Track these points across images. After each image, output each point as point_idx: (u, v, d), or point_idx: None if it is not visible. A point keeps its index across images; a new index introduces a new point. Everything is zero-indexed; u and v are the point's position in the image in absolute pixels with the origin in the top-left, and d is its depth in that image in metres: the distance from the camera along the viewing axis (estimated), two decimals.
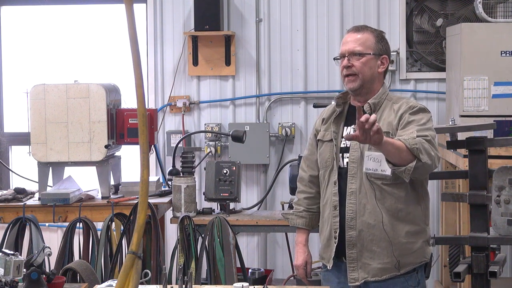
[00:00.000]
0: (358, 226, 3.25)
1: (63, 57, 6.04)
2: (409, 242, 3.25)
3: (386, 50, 3.35)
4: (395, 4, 5.71)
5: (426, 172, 3.16)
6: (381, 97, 3.32)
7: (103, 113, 4.55)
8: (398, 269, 3.24)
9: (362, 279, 3.26)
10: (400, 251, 3.24)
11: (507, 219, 3.55)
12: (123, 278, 2.05)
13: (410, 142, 3.02)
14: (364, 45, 3.29)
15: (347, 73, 3.29)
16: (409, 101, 3.32)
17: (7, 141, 5.97)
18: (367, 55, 3.28)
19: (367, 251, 3.25)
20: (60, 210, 4.46)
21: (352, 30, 3.37)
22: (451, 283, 5.08)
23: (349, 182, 3.27)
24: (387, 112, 3.28)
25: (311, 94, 5.81)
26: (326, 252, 3.37)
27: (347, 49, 3.30)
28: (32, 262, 2.97)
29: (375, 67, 3.31)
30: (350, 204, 3.26)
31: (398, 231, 3.23)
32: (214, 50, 5.82)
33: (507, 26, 4.97)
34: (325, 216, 3.37)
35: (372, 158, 3.17)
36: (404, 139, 3.04)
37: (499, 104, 4.88)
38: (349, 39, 3.32)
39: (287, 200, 4.99)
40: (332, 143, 3.34)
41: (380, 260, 3.25)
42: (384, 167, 3.14)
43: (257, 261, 5.84)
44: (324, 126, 3.43)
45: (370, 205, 3.22)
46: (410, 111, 3.21)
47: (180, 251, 4.23)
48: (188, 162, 4.56)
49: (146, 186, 2.04)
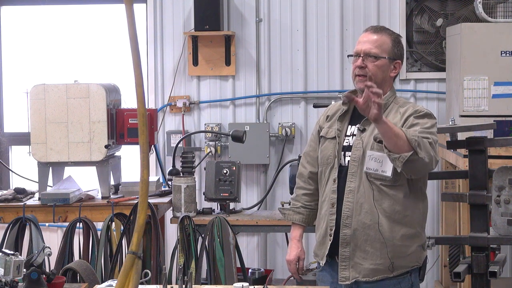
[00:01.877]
0: (354, 225, 3.23)
1: (63, 57, 6.04)
2: (404, 245, 3.23)
3: (400, 55, 3.33)
4: (395, 4, 5.71)
5: (421, 169, 3.13)
6: (389, 99, 3.30)
7: (103, 113, 4.55)
8: (391, 271, 3.23)
9: (353, 278, 3.24)
10: (394, 253, 3.22)
11: (507, 219, 3.55)
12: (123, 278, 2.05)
13: (411, 134, 3.01)
14: (380, 48, 3.25)
15: (359, 73, 3.27)
16: (416, 106, 3.31)
17: (7, 141, 5.97)
18: (382, 59, 3.25)
19: (360, 250, 3.24)
20: (60, 210, 4.46)
21: (370, 30, 3.33)
22: (451, 283, 5.08)
23: (348, 180, 3.25)
24: (392, 114, 3.27)
25: (311, 94, 5.81)
26: (321, 249, 3.35)
27: (363, 49, 3.27)
28: (32, 262, 2.97)
29: (388, 71, 3.28)
30: (348, 202, 3.24)
31: (394, 233, 3.22)
32: (214, 50, 5.82)
33: (507, 26, 4.97)
34: (322, 213, 3.36)
35: (373, 158, 3.17)
36: (406, 130, 3.04)
37: (499, 104, 4.88)
38: (366, 39, 3.29)
39: (287, 200, 4.98)
40: (335, 141, 3.32)
41: (373, 261, 3.23)
42: (385, 168, 3.13)
43: (257, 261, 5.85)
44: (328, 123, 3.40)
45: (367, 204, 3.21)
46: (415, 114, 3.21)
47: (180, 251, 4.23)
48: (188, 162, 4.57)
49: (146, 186, 2.04)
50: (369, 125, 3.23)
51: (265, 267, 5.75)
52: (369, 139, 3.22)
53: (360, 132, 3.25)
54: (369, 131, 3.24)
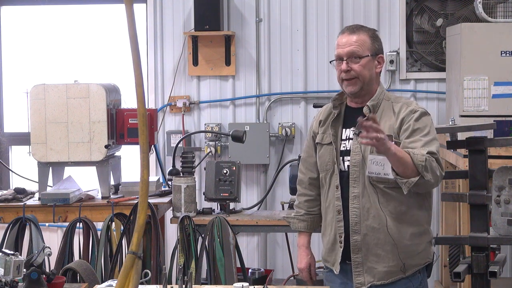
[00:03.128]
0: (363, 230, 3.23)
1: (63, 57, 6.04)
2: (413, 244, 3.25)
3: (381, 48, 3.32)
4: (395, 4, 5.71)
5: (427, 188, 3.19)
6: (379, 97, 3.29)
7: (103, 113, 4.55)
8: (404, 272, 3.24)
9: (368, 283, 3.25)
10: (405, 254, 3.24)
11: (507, 219, 3.55)
12: (123, 278, 2.05)
13: (418, 159, 3.03)
14: (361, 47, 3.24)
15: (347, 77, 3.25)
16: (408, 102, 3.30)
17: (7, 141, 5.96)
18: (366, 57, 3.24)
19: (372, 255, 3.24)
20: (60, 210, 4.46)
21: (346, 31, 3.30)
22: (451, 283, 5.08)
23: (352, 186, 3.25)
24: (386, 113, 3.27)
25: (311, 94, 5.81)
26: (331, 256, 3.36)
27: (345, 52, 3.25)
28: (32, 262, 2.97)
29: (373, 68, 3.28)
30: (354, 208, 3.24)
31: (403, 233, 3.23)
32: (214, 50, 5.82)
33: (507, 26, 4.96)
34: (328, 219, 3.35)
35: (375, 162, 3.16)
36: (413, 153, 3.04)
37: (499, 104, 4.88)
38: (345, 40, 3.27)
39: (287, 200, 4.99)
40: (331, 146, 3.32)
41: (386, 263, 3.24)
42: (387, 171, 3.13)
43: (257, 261, 5.84)
44: (321, 128, 3.40)
45: (373, 209, 3.21)
46: (412, 116, 3.19)
47: (180, 251, 4.23)
48: (188, 162, 4.56)
49: (146, 186, 2.04)
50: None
51: (265, 267, 5.75)
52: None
53: (356, 135, 3.24)
54: (365, 133, 3.23)
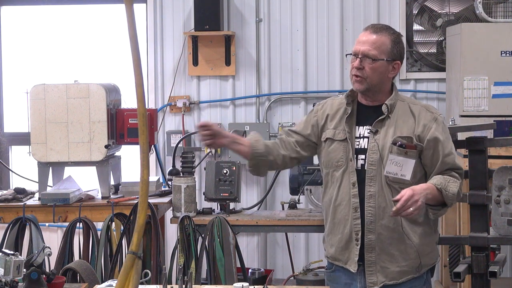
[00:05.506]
0: (378, 229, 3.22)
1: (63, 57, 6.04)
2: (425, 243, 3.26)
3: (400, 55, 3.25)
4: (395, 4, 5.71)
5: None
6: (395, 99, 3.26)
7: (103, 113, 4.55)
8: (419, 271, 3.26)
9: (381, 283, 3.24)
10: (418, 253, 3.24)
11: (507, 219, 3.55)
12: (123, 278, 2.05)
13: (449, 198, 3.15)
14: (379, 49, 3.18)
15: (356, 74, 3.21)
16: (428, 107, 3.29)
17: (7, 141, 5.97)
18: (380, 61, 3.18)
19: (386, 254, 3.23)
20: (60, 210, 4.46)
21: (370, 29, 3.24)
22: (451, 283, 5.08)
23: (368, 184, 3.22)
24: (404, 113, 3.24)
25: (311, 94, 5.81)
26: (343, 254, 3.31)
27: (361, 50, 3.19)
28: (32, 262, 2.97)
29: (386, 72, 3.22)
30: (369, 207, 3.22)
31: (416, 233, 3.24)
32: (214, 50, 5.82)
33: (507, 26, 4.97)
34: (340, 217, 3.29)
35: (394, 162, 3.16)
36: (445, 190, 3.14)
37: (499, 104, 4.88)
38: (365, 38, 3.21)
39: (287, 200, 4.98)
40: (346, 143, 3.25)
41: (399, 263, 3.24)
42: (405, 172, 3.15)
43: (257, 261, 5.84)
44: (331, 123, 3.33)
45: (389, 208, 3.17)
46: (435, 124, 3.22)
47: (180, 251, 4.23)
48: (188, 162, 4.57)
49: (146, 186, 2.04)
50: (382, 127, 3.22)
51: (265, 267, 5.75)
52: (384, 141, 3.19)
53: (373, 134, 3.22)
54: (382, 132, 3.21)
